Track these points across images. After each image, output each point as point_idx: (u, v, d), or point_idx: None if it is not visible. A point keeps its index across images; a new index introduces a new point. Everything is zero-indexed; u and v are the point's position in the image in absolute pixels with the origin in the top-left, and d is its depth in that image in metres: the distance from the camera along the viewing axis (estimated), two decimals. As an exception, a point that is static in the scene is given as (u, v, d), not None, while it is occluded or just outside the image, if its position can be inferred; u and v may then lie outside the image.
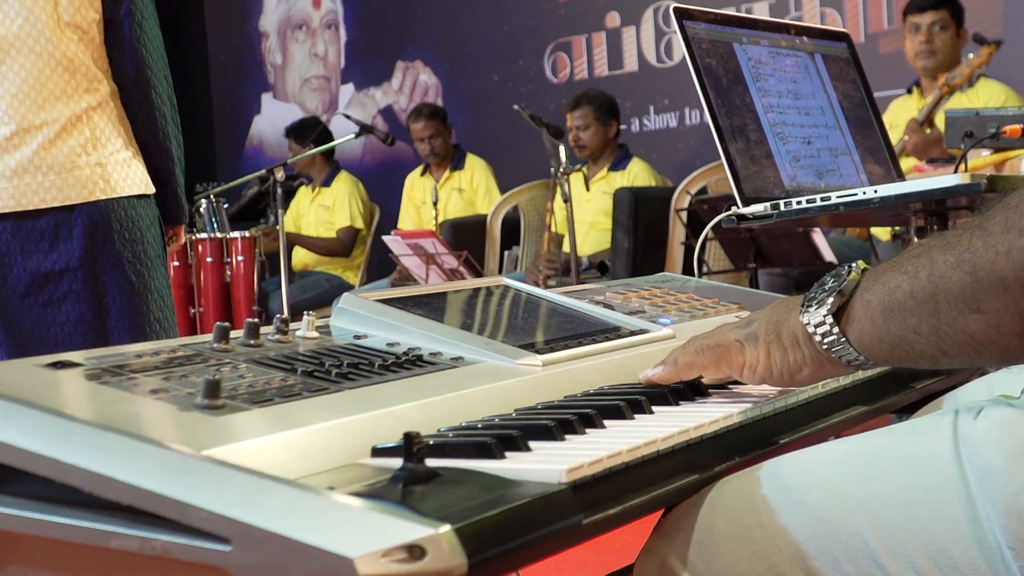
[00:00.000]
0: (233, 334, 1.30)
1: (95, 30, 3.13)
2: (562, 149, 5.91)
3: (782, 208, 1.94)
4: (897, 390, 1.51)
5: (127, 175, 3.15)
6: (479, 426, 1.16)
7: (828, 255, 4.94)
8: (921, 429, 1.16)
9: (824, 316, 1.20)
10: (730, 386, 1.40)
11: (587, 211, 6.74)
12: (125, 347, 1.23)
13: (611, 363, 1.45)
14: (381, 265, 8.00)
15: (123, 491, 0.92)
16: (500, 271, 7.39)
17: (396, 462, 0.98)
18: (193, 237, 7.53)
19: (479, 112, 9.25)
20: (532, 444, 1.09)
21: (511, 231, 7.52)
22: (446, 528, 0.85)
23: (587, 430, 1.16)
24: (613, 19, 8.62)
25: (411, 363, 1.31)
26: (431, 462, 1.02)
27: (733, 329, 1.32)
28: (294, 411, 1.10)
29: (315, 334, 1.38)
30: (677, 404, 1.30)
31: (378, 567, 0.83)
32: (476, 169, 8.05)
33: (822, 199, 1.91)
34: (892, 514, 1.10)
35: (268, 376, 1.19)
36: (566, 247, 6.23)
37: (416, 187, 8.25)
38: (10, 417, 0.99)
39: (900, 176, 2.27)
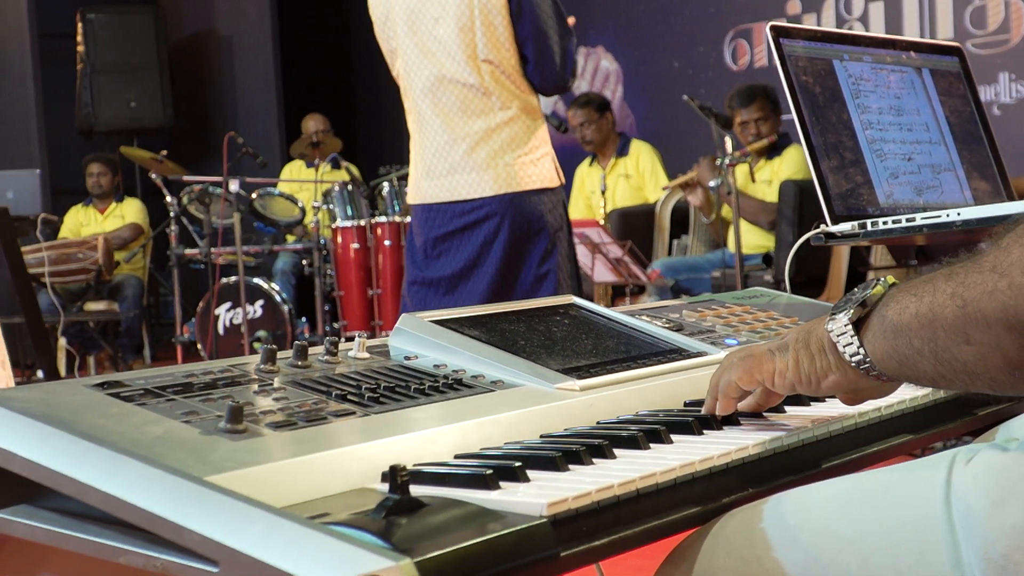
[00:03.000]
0: (283, 354, 1.38)
1: (508, 63, 4.04)
2: (728, 140, 5.91)
3: (869, 228, 1.95)
4: (939, 422, 1.52)
5: (532, 172, 4.07)
6: (491, 454, 1.22)
7: (991, 254, 4.84)
8: (918, 470, 1.18)
9: (845, 325, 1.24)
10: (767, 415, 1.43)
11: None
12: (177, 367, 1.32)
13: (653, 388, 1.49)
14: (557, 250, 8.06)
15: (130, 512, 1.01)
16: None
17: (399, 489, 1.05)
18: (372, 220, 7.72)
19: (658, 98, 9.26)
20: (533, 475, 1.14)
21: (681, 220, 7.51)
22: (406, 560, 0.91)
23: (595, 460, 1.20)
24: (794, 6, 8.54)
25: (448, 386, 1.37)
26: (431, 491, 1.09)
27: (767, 343, 1.37)
28: (313, 436, 1.18)
29: (366, 355, 1.44)
30: (702, 433, 1.34)
31: (342, 595, 0.89)
32: (642, 154, 8.04)
33: (907, 220, 1.91)
34: (880, 555, 1.13)
35: (302, 399, 1.27)
36: (731, 244, 6.22)
37: (586, 178, 8.29)
38: (42, 438, 1.09)
39: (1009, 193, 2.25)
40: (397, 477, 1.02)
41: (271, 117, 10.98)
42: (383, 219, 7.70)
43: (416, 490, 1.08)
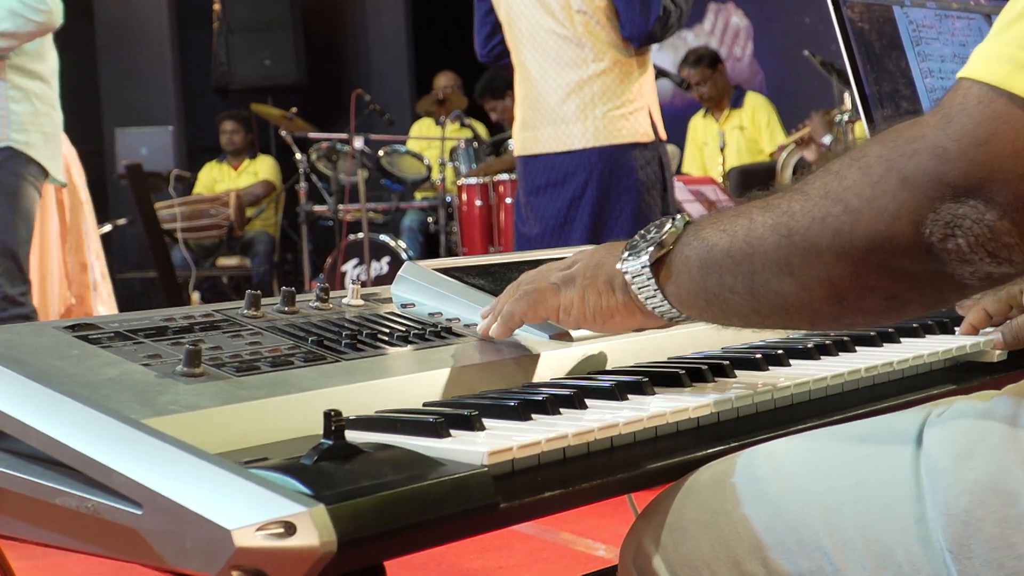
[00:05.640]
0: (269, 301, 1.37)
1: (602, 13, 3.98)
2: (847, 96, 5.79)
3: (918, 179, 1.87)
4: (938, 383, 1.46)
5: (623, 126, 4.01)
6: (459, 402, 1.19)
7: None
8: (892, 423, 1.13)
9: (642, 267, 1.20)
10: (772, 367, 1.38)
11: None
12: (160, 311, 1.31)
13: (653, 340, 1.44)
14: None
15: (65, 453, 1.01)
16: (790, 218, 7.26)
17: (353, 436, 1.03)
18: (493, 178, 7.70)
19: (788, 55, 9.08)
20: (493, 423, 1.11)
21: (804, 178, 7.37)
22: (318, 507, 0.89)
23: (564, 411, 1.17)
24: (931, -41, 8.32)
25: (435, 334, 1.35)
26: (380, 438, 1.07)
27: (553, 270, 1.33)
28: (273, 381, 1.16)
29: (360, 302, 1.43)
30: (690, 386, 1.29)
31: (253, 540, 0.88)
32: (757, 106, 7.90)
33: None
34: (846, 509, 1.08)
35: (276, 344, 1.25)
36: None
37: (699, 129, 8.19)
38: (-7, 379, 1.09)
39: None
40: (331, 423, 1.00)
41: (402, 75, 11.02)
42: (505, 176, 7.67)
43: (366, 437, 1.07)
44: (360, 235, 8.12)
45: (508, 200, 7.59)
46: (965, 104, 1.00)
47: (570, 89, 4.01)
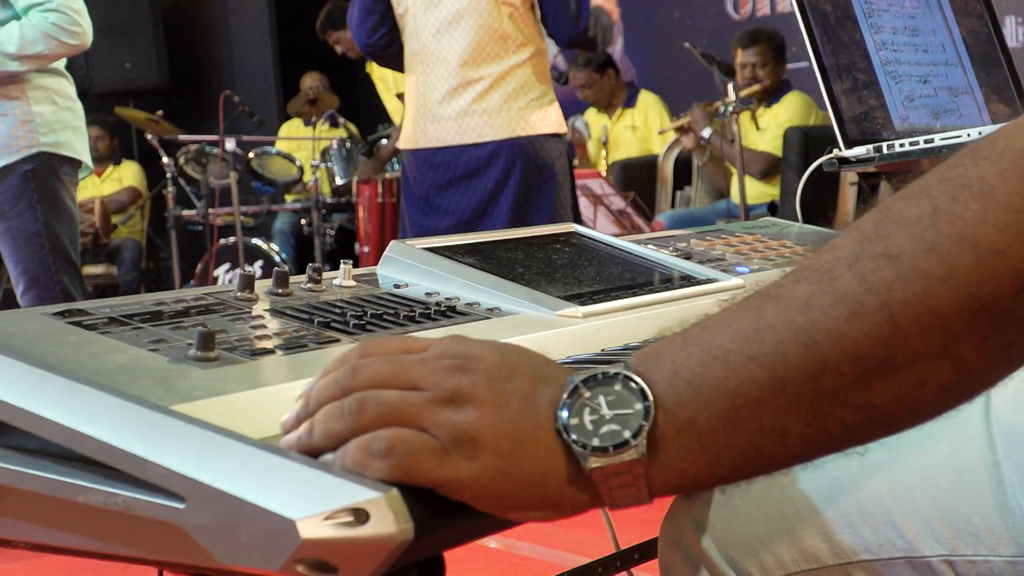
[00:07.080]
0: (262, 283, 1.29)
1: (525, 6, 4.02)
2: (730, 88, 5.81)
3: (884, 151, 1.85)
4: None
5: (542, 117, 4.05)
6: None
7: None
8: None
9: (631, 463, 0.81)
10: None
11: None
12: (147, 296, 1.22)
13: (661, 315, 1.39)
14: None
15: (88, 445, 0.91)
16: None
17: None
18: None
19: (659, 49, 9.13)
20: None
21: (684, 171, 7.41)
22: (392, 491, 0.82)
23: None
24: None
25: (440, 314, 1.28)
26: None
27: (429, 404, 0.85)
28: (292, 363, 1.08)
29: (352, 283, 1.35)
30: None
31: (320, 530, 0.80)
32: (650, 106, 7.95)
33: (925, 141, 1.82)
34: (914, 478, 1.03)
35: (282, 327, 1.17)
36: (734, 194, 6.13)
37: (593, 124, 8.20)
38: (-6, 368, 0.99)
39: (1029, 115, 2.15)
40: (382, 402, 0.92)
41: (268, 75, 10.86)
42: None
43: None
44: (231, 239, 7.97)
45: (379, 200, 7.48)
46: None
47: (492, 81, 4.01)
